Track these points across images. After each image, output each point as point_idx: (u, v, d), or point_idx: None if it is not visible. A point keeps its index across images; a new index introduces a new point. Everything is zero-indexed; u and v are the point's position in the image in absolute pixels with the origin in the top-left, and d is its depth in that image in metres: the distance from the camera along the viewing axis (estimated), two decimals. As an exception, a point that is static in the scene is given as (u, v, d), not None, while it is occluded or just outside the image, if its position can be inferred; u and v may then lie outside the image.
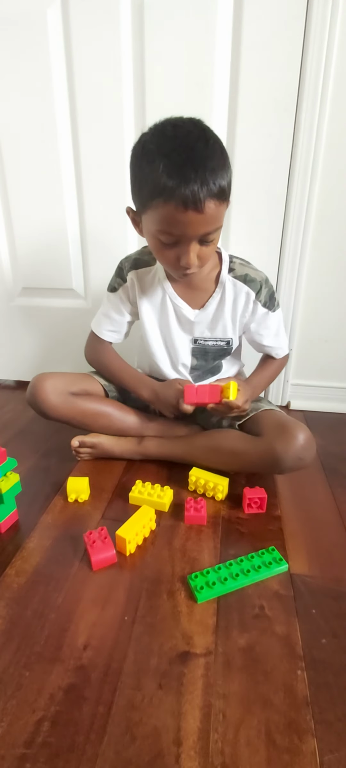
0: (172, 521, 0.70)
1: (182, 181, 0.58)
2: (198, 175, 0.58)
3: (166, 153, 0.60)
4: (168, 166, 0.59)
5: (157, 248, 0.69)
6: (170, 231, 0.64)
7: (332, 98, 0.87)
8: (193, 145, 0.60)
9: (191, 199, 0.59)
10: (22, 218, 1.10)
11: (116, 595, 0.56)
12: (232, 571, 0.58)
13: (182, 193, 0.58)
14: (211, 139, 0.62)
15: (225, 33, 0.87)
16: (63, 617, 0.53)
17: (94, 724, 0.42)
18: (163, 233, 0.65)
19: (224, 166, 0.62)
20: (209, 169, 0.59)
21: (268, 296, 0.80)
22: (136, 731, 0.41)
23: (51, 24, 0.92)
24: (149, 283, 0.81)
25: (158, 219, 0.63)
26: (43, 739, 0.41)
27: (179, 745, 0.40)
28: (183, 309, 0.80)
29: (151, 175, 0.61)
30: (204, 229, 0.63)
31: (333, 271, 1.01)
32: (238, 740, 0.41)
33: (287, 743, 0.40)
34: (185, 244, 0.65)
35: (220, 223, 0.66)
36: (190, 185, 0.58)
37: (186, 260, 0.65)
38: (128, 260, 0.83)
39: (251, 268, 0.79)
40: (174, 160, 0.59)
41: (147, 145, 0.63)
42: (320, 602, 0.55)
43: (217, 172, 0.60)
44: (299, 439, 0.68)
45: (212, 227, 0.64)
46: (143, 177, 0.63)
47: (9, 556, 0.62)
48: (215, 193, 0.60)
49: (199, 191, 0.58)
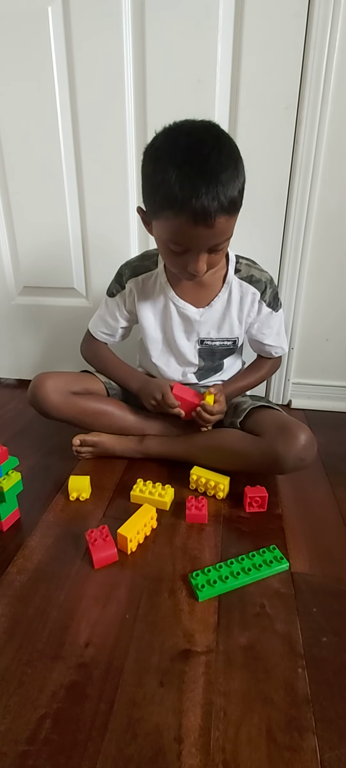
0: (173, 520, 0.70)
1: (193, 195, 0.57)
2: (210, 190, 0.57)
3: (178, 164, 0.58)
4: (180, 177, 0.58)
5: (167, 254, 0.69)
6: (180, 242, 0.64)
7: (333, 96, 0.87)
8: (206, 156, 0.58)
9: (201, 214, 0.59)
10: (23, 217, 1.10)
11: (118, 593, 0.56)
12: (233, 570, 0.58)
13: (192, 207, 0.58)
14: (225, 148, 0.61)
15: (227, 30, 0.86)
16: (65, 615, 0.53)
17: (95, 721, 0.42)
18: (173, 243, 0.65)
19: (237, 176, 0.61)
20: (222, 183, 0.58)
21: (272, 296, 0.81)
22: (138, 728, 0.41)
23: (53, 21, 0.92)
24: (151, 288, 0.81)
25: (168, 229, 0.64)
26: (45, 736, 0.41)
27: (180, 742, 0.40)
28: (186, 310, 0.80)
29: (163, 184, 0.60)
30: (214, 242, 0.64)
31: (334, 269, 1.01)
32: (239, 737, 0.41)
33: (287, 741, 0.41)
34: (194, 254, 0.65)
35: (230, 234, 0.66)
36: (201, 200, 0.57)
37: (194, 268, 0.66)
38: (128, 267, 0.83)
39: (257, 269, 0.80)
40: (186, 172, 0.58)
41: (160, 152, 0.62)
42: (321, 601, 0.56)
43: (229, 184, 0.59)
44: (301, 439, 0.68)
45: (222, 239, 0.64)
46: (155, 184, 0.62)
47: (11, 554, 0.63)
48: (226, 208, 0.60)
49: (210, 206, 0.58)
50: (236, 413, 0.81)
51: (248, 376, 0.90)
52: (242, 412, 0.79)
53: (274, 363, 0.91)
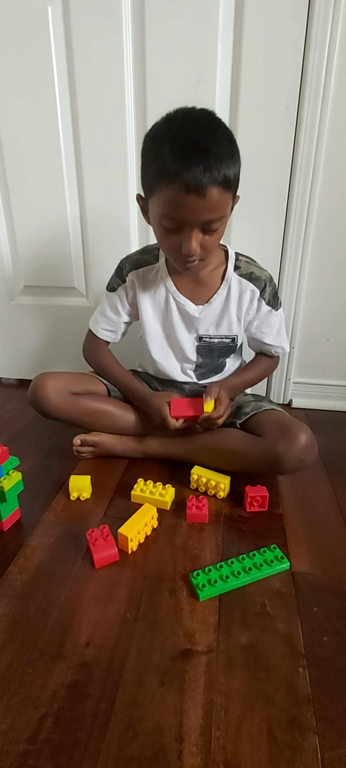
0: (174, 519, 0.70)
1: (185, 164, 0.59)
2: (201, 160, 0.58)
3: (172, 137, 0.61)
4: (173, 149, 0.60)
5: (161, 235, 0.69)
6: (173, 215, 0.64)
7: (333, 96, 0.87)
8: (200, 131, 0.60)
9: (192, 183, 0.59)
10: (24, 216, 1.10)
11: (118, 593, 0.56)
12: (234, 569, 0.58)
13: (184, 176, 0.59)
14: (220, 128, 0.63)
15: (227, 29, 0.86)
16: (65, 615, 0.53)
17: (96, 720, 0.42)
18: (167, 218, 0.65)
19: (231, 156, 0.62)
20: (214, 156, 0.59)
21: (271, 295, 0.81)
22: (139, 728, 0.42)
23: (52, 20, 0.92)
24: (151, 281, 0.81)
25: (162, 202, 0.64)
26: (46, 736, 0.41)
27: (181, 741, 0.40)
28: (186, 306, 0.80)
29: (157, 158, 0.62)
30: (206, 216, 0.63)
31: (335, 268, 1.01)
32: (240, 737, 0.41)
33: (288, 740, 0.41)
34: (187, 230, 0.64)
35: (224, 213, 0.65)
36: (192, 169, 0.58)
37: (187, 247, 0.65)
38: (129, 260, 0.82)
39: (256, 267, 0.80)
40: (180, 143, 0.60)
41: (157, 130, 0.64)
42: (322, 600, 0.56)
43: (222, 160, 0.60)
44: (301, 440, 0.68)
45: (215, 215, 0.63)
46: (151, 160, 0.64)
47: (12, 554, 0.63)
48: (219, 181, 0.60)
49: (201, 176, 0.59)
50: (237, 414, 0.81)
51: (247, 372, 0.89)
52: (243, 415, 0.79)
53: (272, 360, 0.90)
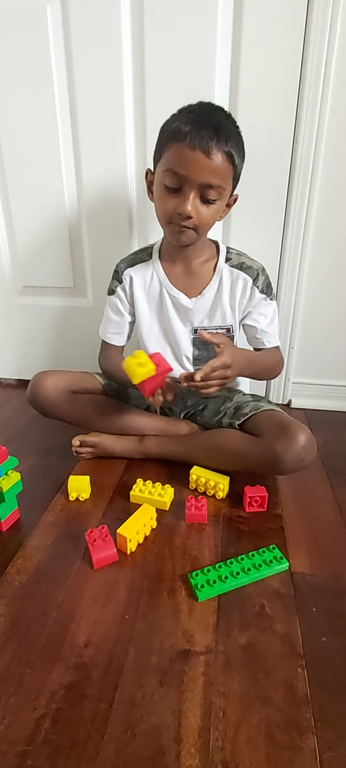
0: (173, 520, 0.70)
1: (196, 127, 0.65)
2: (212, 127, 0.65)
3: (191, 110, 0.68)
4: (189, 117, 0.67)
5: (161, 197, 0.72)
6: (177, 170, 0.67)
7: (333, 94, 0.87)
8: (215, 110, 0.69)
9: (200, 141, 0.64)
10: (23, 217, 1.10)
11: (117, 594, 0.56)
12: (232, 570, 0.58)
13: (194, 135, 0.65)
14: (232, 119, 0.70)
15: (226, 28, 0.86)
16: (64, 615, 0.53)
17: (95, 721, 0.42)
18: (170, 174, 0.68)
19: (237, 142, 0.69)
20: (224, 128, 0.66)
21: (265, 284, 0.82)
22: (137, 728, 0.41)
23: (51, 20, 0.92)
24: (146, 277, 0.83)
25: (168, 158, 0.68)
26: (45, 736, 0.41)
27: (179, 742, 0.40)
28: (180, 298, 0.81)
29: (173, 125, 0.68)
30: (207, 178, 0.67)
31: (334, 268, 1.01)
32: (238, 738, 0.41)
33: (287, 741, 0.41)
34: (187, 189, 0.68)
35: (223, 184, 0.69)
36: (202, 131, 0.64)
37: (184, 206, 0.68)
38: (123, 261, 0.85)
39: (247, 258, 0.82)
40: (196, 113, 0.67)
41: (179, 109, 0.70)
42: (321, 601, 0.55)
43: (230, 137, 0.67)
44: (300, 440, 0.68)
45: (215, 180, 0.67)
46: (167, 128, 0.70)
47: (10, 555, 0.63)
48: (225, 149, 0.66)
49: (209, 138, 0.64)
50: (236, 415, 0.80)
51: (265, 356, 0.84)
52: (242, 415, 0.79)
53: (279, 357, 0.87)
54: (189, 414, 0.91)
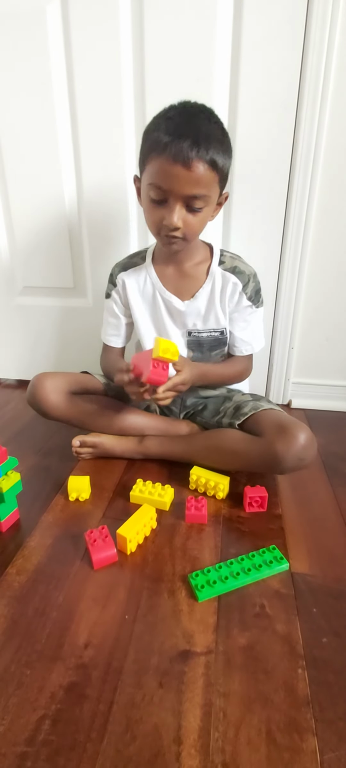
0: (173, 520, 0.70)
1: (175, 137, 0.63)
2: (191, 134, 0.63)
3: (169, 117, 0.66)
4: (168, 125, 0.65)
5: (148, 208, 0.72)
6: (160, 184, 0.66)
7: (332, 95, 0.87)
8: (195, 114, 0.66)
9: (180, 154, 0.63)
10: (23, 217, 1.10)
11: (117, 594, 0.56)
12: (233, 570, 0.58)
13: (173, 146, 0.63)
14: (214, 118, 0.68)
15: (226, 28, 0.86)
16: (64, 616, 0.53)
17: (95, 722, 0.42)
18: (154, 188, 0.68)
19: (220, 144, 0.66)
20: (204, 134, 0.63)
21: (254, 291, 0.81)
22: (137, 729, 0.41)
23: (50, 21, 0.92)
24: (139, 280, 0.83)
25: (152, 172, 0.67)
26: (44, 737, 0.41)
27: (179, 743, 0.40)
28: (172, 301, 0.81)
29: (153, 134, 0.67)
30: (190, 189, 0.65)
31: (334, 268, 1.01)
32: (238, 739, 0.41)
33: (287, 742, 0.41)
34: (172, 202, 0.67)
35: (208, 192, 0.67)
36: (181, 141, 0.62)
37: (170, 219, 0.67)
38: (117, 265, 0.86)
39: (241, 262, 0.81)
40: (175, 121, 0.65)
41: (157, 115, 0.69)
42: (321, 601, 0.55)
43: (211, 142, 0.64)
44: (300, 439, 0.68)
45: (199, 190, 0.66)
46: (148, 137, 0.69)
47: (10, 555, 0.62)
48: (205, 158, 0.64)
49: (189, 148, 0.62)
50: (236, 415, 0.80)
51: (220, 366, 0.86)
52: (242, 415, 0.79)
53: (246, 365, 0.88)
54: (189, 414, 0.91)
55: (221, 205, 0.76)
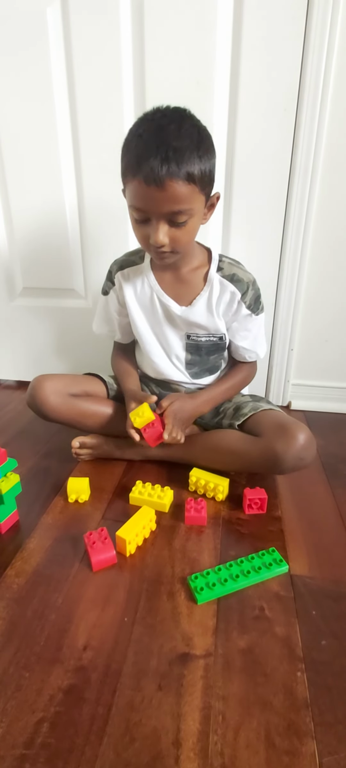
0: (172, 522, 0.70)
1: (144, 158, 0.61)
2: (159, 152, 0.60)
3: (140, 133, 0.63)
4: (138, 144, 0.63)
5: (134, 227, 0.70)
6: (139, 206, 0.65)
7: (332, 98, 0.87)
8: (164, 126, 0.62)
9: (151, 175, 0.60)
10: (23, 218, 1.10)
11: (116, 596, 0.56)
12: (232, 572, 0.58)
13: (143, 168, 0.61)
14: (186, 124, 0.63)
15: (225, 31, 0.86)
16: (63, 618, 0.53)
17: (93, 725, 0.42)
18: (134, 209, 0.67)
19: (195, 151, 0.62)
20: (174, 149, 0.60)
21: (253, 299, 0.80)
22: (136, 732, 0.41)
23: (51, 23, 0.92)
24: (137, 281, 0.82)
25: (129, 195, 0.66)
26: (43, 740, 0.41)
27: (178, 746, 0.40)
28: (170, 306, 0.80)
29: (127, 154, 0.65)
30: (168, 208, 0.63)
31: (334, 270, 1.01)
32: (237, 742, 0.41)
33: (286, 745, 0.40)
34: (154, 221, 0.66)
35: (189, 206, 0.64)
36: (150, 161, 0.60)
37: (154, 238, 0.66)
38: (116, 263, 0.85)
39: (240, 269, 0.79)
40: (144, 139, 0.62)
41: (131, 128, 0.67)
42: (321, 604, 0.55)
43: (183, 155, 0.60)
44: (299, 439, 0.68)
45: (178, 207, 0.63)
46: (123, 156, 0.67)
47: (9, 557, 0.62)
48: (178, 174, 0.61)
49: (159, 168, 0.60)
50: (235, 415, 0.81)
51: (223, 382, 0.86)
52: (241, 416, 0.79)
53: (250, 370, 0.89)
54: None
55: (213, 207, 0.72)
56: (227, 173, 0.96)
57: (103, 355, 1.02)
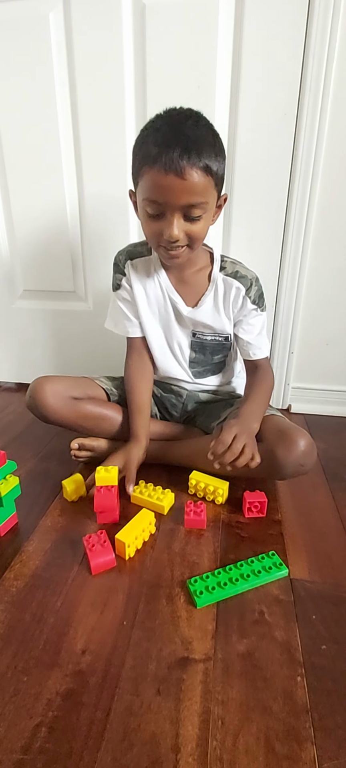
0: (172, 525, 0.69)
1: (165, 147, 0.61)
2: (180, 142, 0.60)
3: (157, 127, 0.64)
4: (156, 136, 0.62)
5: (146, 223, 0.69)
6: (155, 198, 0.64)
7: (332, 102, 0.88)
8: (182, 122, 0.63)
9: (171, 163, 0.60)
10: (24, 220, 1.10)
11: (115, 600, 0.56)
12: (231, 576, 0.58)
13: (163, 157, 0.61)
14: (202, 122, 0.65)
15: (226, 36, 0.87)
16: (62, 622, 0.53)
17: (92, 729, 0.42)
18: (149, 202, 0.65)
19: (212, 147, 0.63)
20: (193, 140, 0.61)
21: (257, 295, 0.80)
22: (135, 737, 0.41)
23: (53, 28, 0.92)
24: (145, 272, 0.81)
25: (145, 187, 0.65)
26: (41, 745, 0.40)
27: (177, 751, 0.40)
28: (178, 303, 0.80)
29: (142, 146, 0.65)
30: (186, 199, 0.63)
31: (334, 273, 1.01)
32: (237, 747, 0.40)
33: (286, 750, 0.40)
34: (169, 214, 0.65)
35: (205, 199, 0.65)
36: (171, 150, 0.60)
37: (169, 232, 0.65)
38: (122, 253, 0.83)
39: (242, 267, 0.79)
40: (163, 132, 0.62)
41: (145, 125, 0.67)
42: (320, 608, 0.55)
43: (202, 148, 0.61)
44: (300, 445, 0.67)
45: (196, 199, 0.63)
46: (138, 151, 0.66)
47: (8, 560, 0.62)
48: (198, 164, 0.61)
49: (180, 157, 0.60)
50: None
51: (260, 393, 0.80)
52: None
53: (267, 368, 0.85)
54: (189, 419, 0.91)
55: (220, 208, 0.73)
56: (228, 176, 0.96)
57: (103, 357, 1.03)
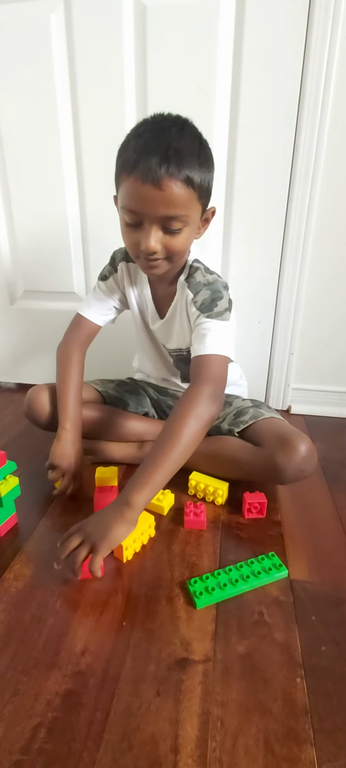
0: (171, 526, 0.69)
1: (144, 155, 0.57)
2: (160, 150, 0.57)
3: (139, 133, 0.60)
4: (137, 143, 0.59)
5: (124, 232, 0.66)
6: (132, 207, 0.61)
7: (333, 105, 0.88)
8: (166, 129, 0.59)
9: (149, 172, 0.57)
10: (25, 221, 1.10)
11: (115, 601, 0.56)
12: (231, 577, 0.58)
13: (141, 165, 0.57)
14: (188, 130, 0.61)
15: (227, 38, 0.87)
16: (61, 622, 0.52)
17: (91, 730, 0.42)
18: (127, 211, 0.62)
19: (195, 158, 0.59)
20: (175, 149, 0.57)
21: (208, 299, 0.68)
22: (134, 738, 0.41)
23: (54, 30, 0.93)
24: (137, 278, 0.80)
25: (123, 195, 0.62)
26: (40, 746, 0.40)
27: (176, 753, 0.40)
28: (149, 316, 0.80)
29: (123, 153, 0.61)
30: (164, 211, 0.59)
31: (334, 275, 1.01)
32: (236, 749, 0.40)
33: (285, 752, 0.40)
34: (147, 225, 0.61)
35: (185, 212, 0.61)
36: (150, 158, 0.57)
37: (146, 243, 0.61)
38: (120, 251, 0.82)
39: (203, 272, 0.71)
40: (144, 137, 0.59)
41: (131, 130, 0.63)
42: (320, 609, 0.55)
43: (183, 157, 0.57)
44: (301, 451, 0.67)
45: (175, 211, 0.60)
46: (119, 156, 0.63)
47: (8, 560, 0.62)
48: (178, 175, 0.57)
49: (158, 166, 0.56)
50: (235, 422, 0.80)
51: (164, 436, 0.63)
52: (241, 423, 0.78)
53: (199, 396, 0.63)
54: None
55: (208, 222, 0.69)
56: (228, 178, 0.96)
57: (103, 357, 1.02)
